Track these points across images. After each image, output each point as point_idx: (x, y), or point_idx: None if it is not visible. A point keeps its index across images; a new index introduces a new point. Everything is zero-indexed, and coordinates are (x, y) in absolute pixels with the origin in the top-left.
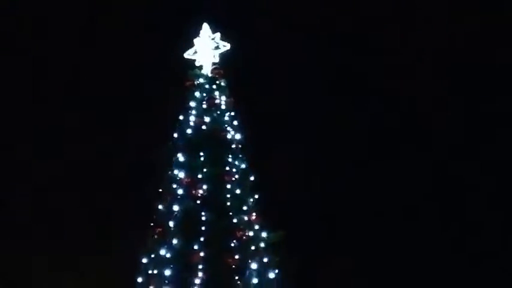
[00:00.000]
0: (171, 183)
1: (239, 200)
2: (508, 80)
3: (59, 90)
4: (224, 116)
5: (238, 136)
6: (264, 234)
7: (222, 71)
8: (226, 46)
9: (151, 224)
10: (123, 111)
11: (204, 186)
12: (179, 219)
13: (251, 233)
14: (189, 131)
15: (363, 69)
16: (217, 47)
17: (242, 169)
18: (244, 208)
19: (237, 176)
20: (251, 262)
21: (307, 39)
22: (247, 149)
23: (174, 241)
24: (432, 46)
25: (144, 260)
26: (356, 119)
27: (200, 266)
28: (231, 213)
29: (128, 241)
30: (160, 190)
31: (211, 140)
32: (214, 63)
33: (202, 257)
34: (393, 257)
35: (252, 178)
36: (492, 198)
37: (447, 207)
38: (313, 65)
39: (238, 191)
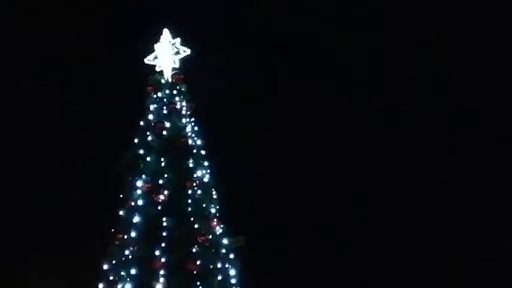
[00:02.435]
0: (132, 189)
1: (200, 206)
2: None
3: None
4: (184, 121)
5: (199, 141)
6: (225, 240)
7: (182, 76)
8: (186, 51)
9: (113, 231)
10: (83, 116)
11: (165, 192)
12: (140, 225)
13: (212, 239)
14: (149, 136)
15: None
16: (177, 53)
17: (203, 174)
18: (205, 213)
19: (198, 182)
20: (212, 267)
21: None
22: (208, 154)
23: (135, 247)
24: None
25: (106, 266)
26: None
27: (162, 272)
28: (192, 219)
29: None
30: (122, 196)
31: (171, 146)
32: (174, 69)
33: (164, 263)
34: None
35: (212, 183)
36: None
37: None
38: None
39: (199, 197)
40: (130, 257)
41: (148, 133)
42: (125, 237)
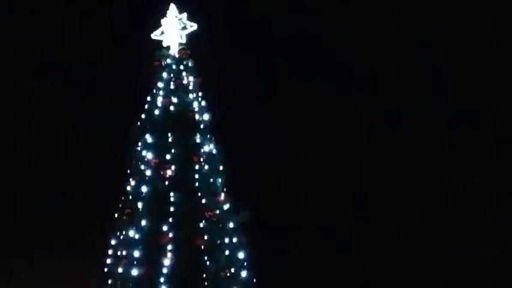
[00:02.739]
0: (139, 164)
1: (207, 181)
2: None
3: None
4: (192, 96)
5: (206, 117)
6: (232, 215)
7: (189, 52)
8: (193, 26)
9: (120, 206)
10: (89, 92)
11: (172, 167)
12: (147, 200)
13: (220, 214)
14: (156, 111)
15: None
16: (184, 28)
17: (210, 150)
18: (213, 189)
19: (205, 157)
20: (220, 243)
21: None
22: (215, 129)
23: (143, 222)
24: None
25: (113, 242)
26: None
27: (169, 247)
28: (199, 194)
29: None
30: (129, 171)
31: (179, 121)
32: (181, 44)
33: (171, 238)
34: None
35: (220, 159)
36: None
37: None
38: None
39: (206, 172)
40: (137, 232)
41: (155, 108)
42: (132, 212)
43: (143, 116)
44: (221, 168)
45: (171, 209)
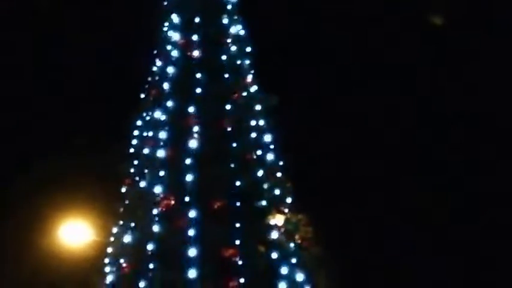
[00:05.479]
0: (166, 44)
1: (234, 62)
2: None
3: None
4: None
5: None
6: (259, 97)
7: None
8: None
9: (146, 86)
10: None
11: (199, 48)
12: (174, 81)
13: (247, 96)
14: None
15: None
16: None
17: (237, 31)
18: (240, 70)
19: (232, 38)
20: (246, 125)
21: None
22: (243, 10)
23: (169, 103)
24: None
25: (139, 123)
26: None
27: (195, 129)
28: (226, 76)
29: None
30: (155, 52)
31: (206, 1)
32: None
33: (197, 119)
34: None
35: (247, 40)
36: None
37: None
38: None
39: (233, 53)
40: (163, 113)
41: None
42: (158, 92)
43: None
44: (249, 50)
45: (198, 90)
